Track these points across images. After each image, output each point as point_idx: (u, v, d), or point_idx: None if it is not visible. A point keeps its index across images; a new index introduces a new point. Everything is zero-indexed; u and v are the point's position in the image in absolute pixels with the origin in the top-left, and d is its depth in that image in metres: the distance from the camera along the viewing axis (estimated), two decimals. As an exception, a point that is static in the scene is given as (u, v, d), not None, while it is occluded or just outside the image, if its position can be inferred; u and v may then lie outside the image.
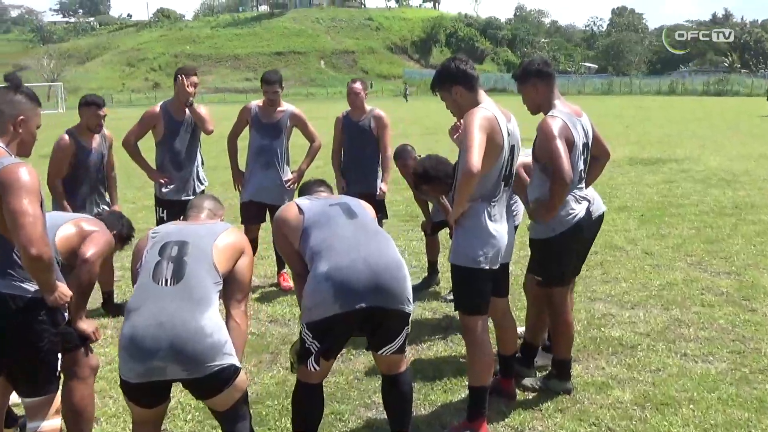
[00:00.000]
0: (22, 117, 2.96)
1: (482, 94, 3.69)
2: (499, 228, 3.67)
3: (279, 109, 6.31)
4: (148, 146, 6.05)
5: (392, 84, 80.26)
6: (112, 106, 58.63)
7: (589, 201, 4.13)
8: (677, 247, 7.62)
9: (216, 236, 3.16)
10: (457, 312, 3.80)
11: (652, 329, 5.22)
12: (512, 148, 3.68)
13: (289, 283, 6.25)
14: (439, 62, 4.02)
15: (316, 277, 3.12)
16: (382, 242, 3.29)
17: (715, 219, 9.01)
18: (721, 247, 7.59)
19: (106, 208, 5.84)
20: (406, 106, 46.47)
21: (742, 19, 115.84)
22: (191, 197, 5.57)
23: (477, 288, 3.67)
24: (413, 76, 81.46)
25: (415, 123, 27.84)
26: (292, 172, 6.45)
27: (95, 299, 5.97)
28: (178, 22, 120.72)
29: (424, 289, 6.30)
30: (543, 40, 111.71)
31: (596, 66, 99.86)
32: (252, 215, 6.41)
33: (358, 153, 6.39)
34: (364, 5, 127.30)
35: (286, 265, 5.34)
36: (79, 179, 5.62)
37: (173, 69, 6.41)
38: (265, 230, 6.15)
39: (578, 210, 4.02)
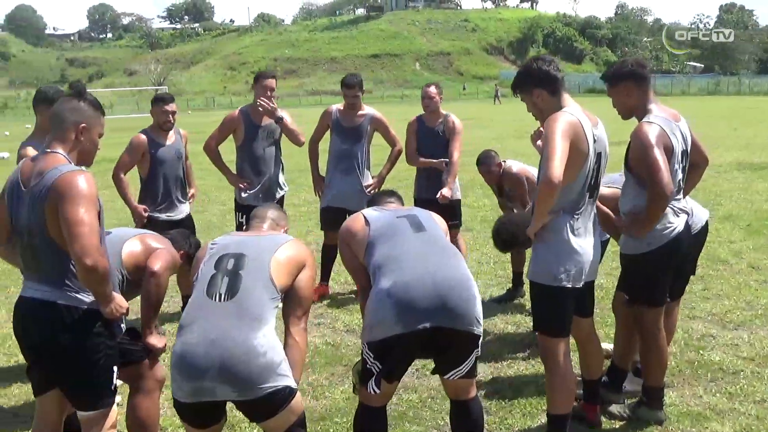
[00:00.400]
0: (84, 125, 2.92)
1: (567, 98, 3.42)
2: (583, 243, 3.40)
3: (360, 112, 6.19)
4: (230, 148, 6.04)
5: (487, 86, 79.41)
6: (214, 108, 60.89)
7: (688, 213, 3.81)
8: (788, 262, 7.01)
9: (276, 248, 3.02)
10: (538, 330, 3.54)
11: (757, 354, 4.77)
12: (599, 156, 3.41)
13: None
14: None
15: (378, 294, 2.95)
16: (450, 258, 3.08)
17: (832, 231, 8.28)
18: (840, 262, 6.94)
19: (186, 205, 5.89)
20: (498, 108, 45.73)
21: None
22: None
23: (558, 308, 3.41)
24: (509, 77, 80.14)
25: (507, 125, 27.34)
26: (372, 177, 6.30)
27: (176, 302, 6.03)
28: (277, 27, 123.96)
29: (507, 301, 6.03)
30: (645, 39, 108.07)
31: (702, 65, 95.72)
32: (332, 221, 6.27)
33: (430, 158, 6.17)
34: (460, 6, 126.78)
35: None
36: (157, 176, 5.68)
37: (273, 72, 6.39)
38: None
39: (677, 223, 3.70)
